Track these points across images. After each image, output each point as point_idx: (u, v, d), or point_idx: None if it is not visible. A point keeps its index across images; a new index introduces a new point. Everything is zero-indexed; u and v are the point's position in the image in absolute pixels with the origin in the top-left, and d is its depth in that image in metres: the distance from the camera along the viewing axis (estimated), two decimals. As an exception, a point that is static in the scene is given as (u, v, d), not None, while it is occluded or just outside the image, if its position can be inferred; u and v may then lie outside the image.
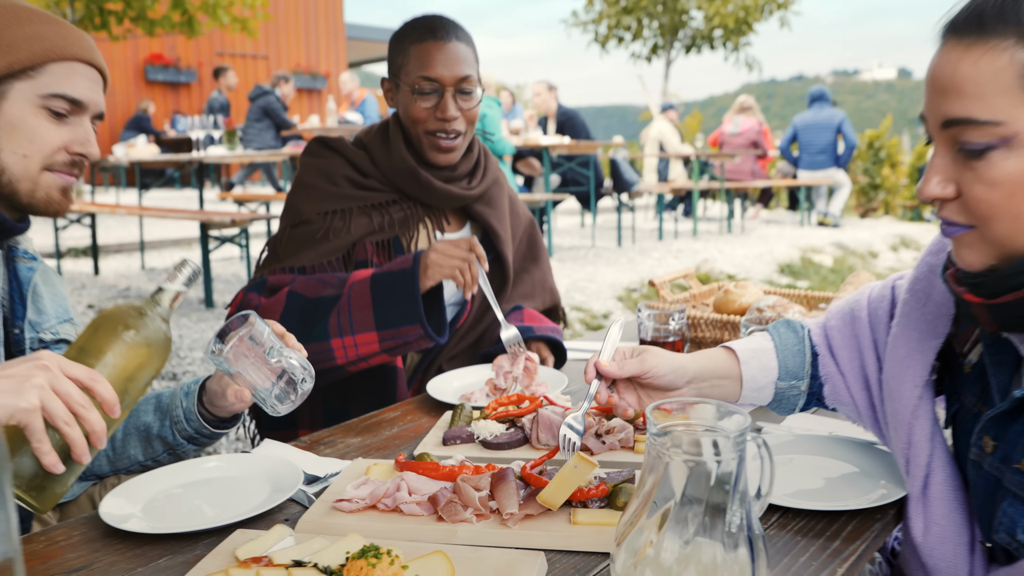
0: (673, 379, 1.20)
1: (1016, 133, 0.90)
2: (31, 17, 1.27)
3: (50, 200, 1.31)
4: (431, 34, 1.83)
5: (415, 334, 1.63)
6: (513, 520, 1.08)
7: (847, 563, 1.03)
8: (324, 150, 1.96)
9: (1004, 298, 0.97)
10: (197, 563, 1.02)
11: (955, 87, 0.93)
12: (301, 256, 1.82)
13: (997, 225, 0.95)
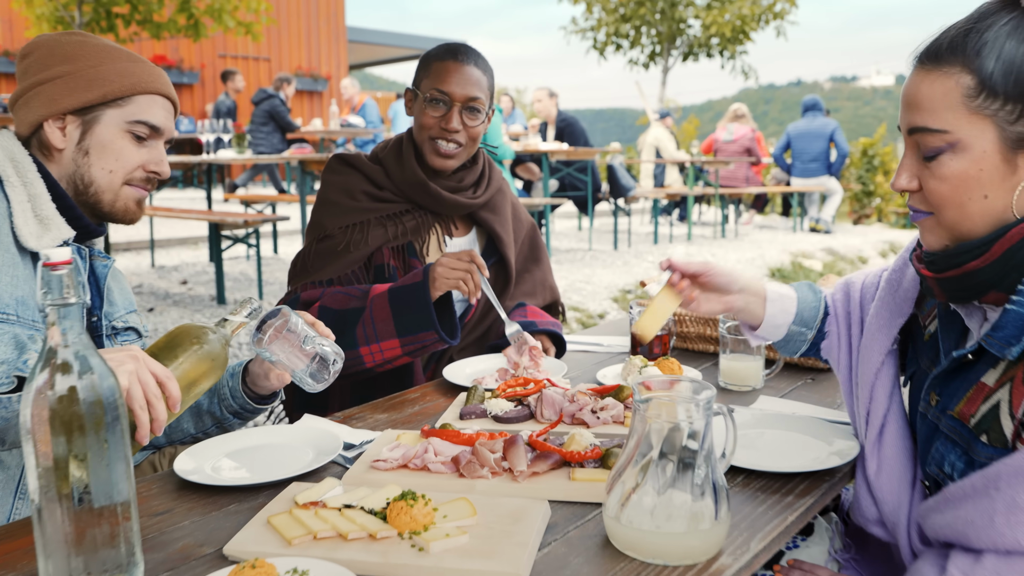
0: (728, 281, 1.49)
1: (959, 140, 1.13)
2: (121, 56, 1.49)
3: (127, 209, 1.54)
4: (452, 55, 2.06)
5: (431, 338, 1.88)
6: (522, 476, 1.30)
7: (797, 512, 1.25)
8: (344, 167, 2.18)
9: (948, 273, 1.19)
10: (261, 509, 1.24)
11: (917, 102, 1.16)
12: (327, 269, 2.05)
13: (946, 212, 1.17)
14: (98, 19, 10.91)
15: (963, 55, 1.12)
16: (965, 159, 1.13)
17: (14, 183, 1.43)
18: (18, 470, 1.42)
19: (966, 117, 1.12)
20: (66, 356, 0.98)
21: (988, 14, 1.14)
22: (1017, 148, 1.12)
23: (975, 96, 1.11)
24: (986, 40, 1.11)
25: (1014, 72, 1.09)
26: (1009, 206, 1.14)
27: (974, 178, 1.14)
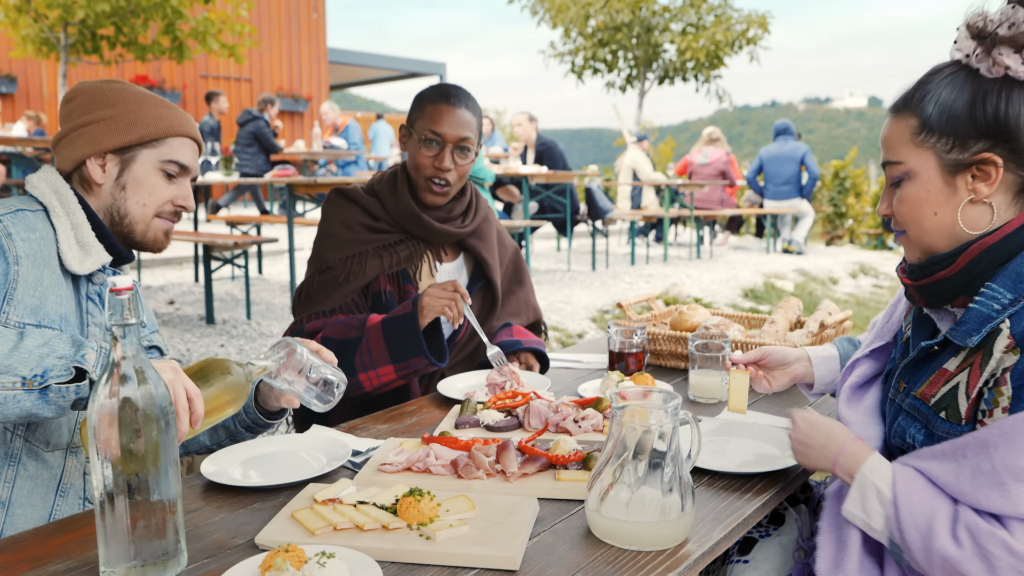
0: (782, 357, 1.83)
1: (911, 169, 1.40)
2: (156, 102, 1.67)
3: (156, 239, 1.71)
4: (445, 98, 2.24)
5: (422, 363, 2.07)
6: (514, 477, 1.48)
7: (754, 507, 1.43)
8: (343, 200, 2.36)
9: (923, 281, 1.43)
10: (283, 506, 1.41)
11: (885, 143, 1.45)
12: (329, 300, 2.23)
13: (910, 228, 1.42)
14: (83, 41, 11.03)
15: (911, 104, 1.40)
16: (916, 184, 1.40)
17: (59, 213, 1.60)
18: (59, 470, 1.58)
19: (914, 150, 1.39)
20: (127, 369, 1.15)
21: (936, 71, 1.42)
22: (954, 172, 1.37)
23: (919, 133, 1.38)
24: (929, 90, 1.39)
25: (946, 113, 1.36)
26: (956, 221, 1.38)
27: (924, 199, 1.39)
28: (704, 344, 2.01)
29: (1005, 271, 1.34)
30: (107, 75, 16.37)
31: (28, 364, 1.28)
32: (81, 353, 1.32)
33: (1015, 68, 1.31)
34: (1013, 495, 1.20)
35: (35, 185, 1.65)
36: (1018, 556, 1.19)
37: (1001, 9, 1.32)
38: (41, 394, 1.29)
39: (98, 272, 1.67)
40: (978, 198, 1.36)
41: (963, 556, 1.23)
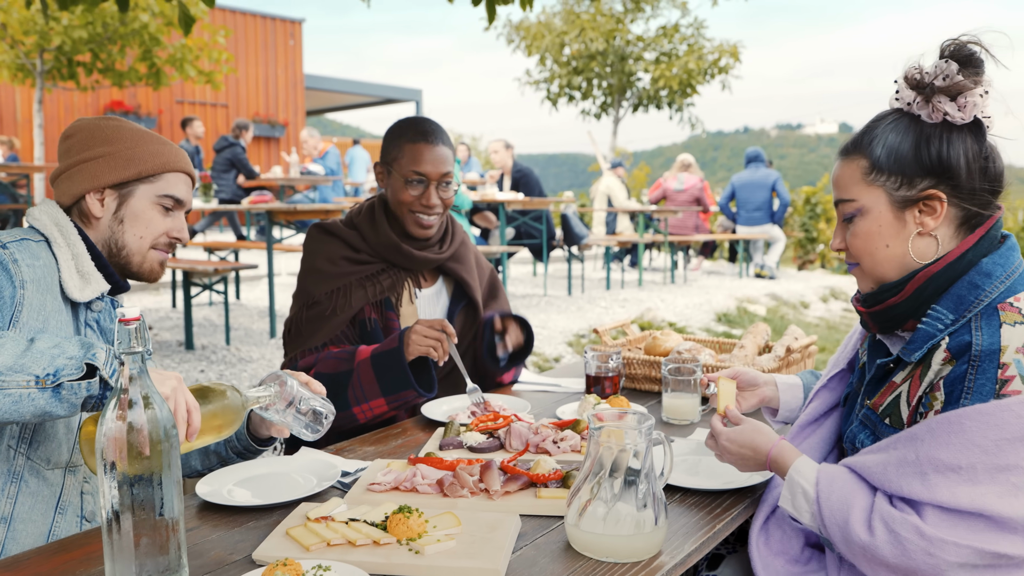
0: (753, 377, 1.92)
1: (863, 206, 1.52)
2: (153, 139, 1.75)
3: (152, 270, 1.79)
4: (423, 137, 2.34)
5: (411, 395, 2.16)
6: (497, 495, 1.56)
7: (723, 522, 1.52)
8: (324, 235, 2.44)
9: (875, 308, 1.56)
10: (277, 524, 1.48)
11: (837, 182, 1.58)
12: (319, 334, 2.31)
13: (864, 260, 1.55)
14: (59, 67, 11.05)
15: (860, 146, 1.54)
16: (868, 219, 1.53)
17: (60, 244, 1.67)
18: (59, 488, 1.63)
19: (865, 188, 1.52)
20: (134, 394, 1.22)
21: (880, 117, 1.56)
22: (903, 207, 1.50)
23: (869, 172, 1.52)
24: (876, 134, 1.53)
25: (894, 155, 1.50)
26: (907, 252, 1.52)
27: (876, 233, 1.52)
28: (677, 368, 2.11)
29: (948, 295, 1.47)
30: (82, 100, 16.35)
31: (40, 364, 1.34)
32: (92, 352, 1.38)
33: (952, 114, 1.45)
34: (932, 484, 1.32)
35: (36, 218, 1.72)
36: (928, 539, 1.31)
37: (935, 63, 1.47)
38: (54, 392, 1.34)
39: (96, 300, 1.73)
40: (925, 231, 1.50)
41: (876, 543, 1.35)
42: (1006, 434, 1.30)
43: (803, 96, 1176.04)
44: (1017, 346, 1.36)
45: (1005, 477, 1.30)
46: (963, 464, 1.31)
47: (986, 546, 1.29)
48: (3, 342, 1.36)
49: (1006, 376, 1.34)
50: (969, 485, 1.30)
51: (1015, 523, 1.30)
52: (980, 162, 1.48)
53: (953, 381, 1.39)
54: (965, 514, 1.31)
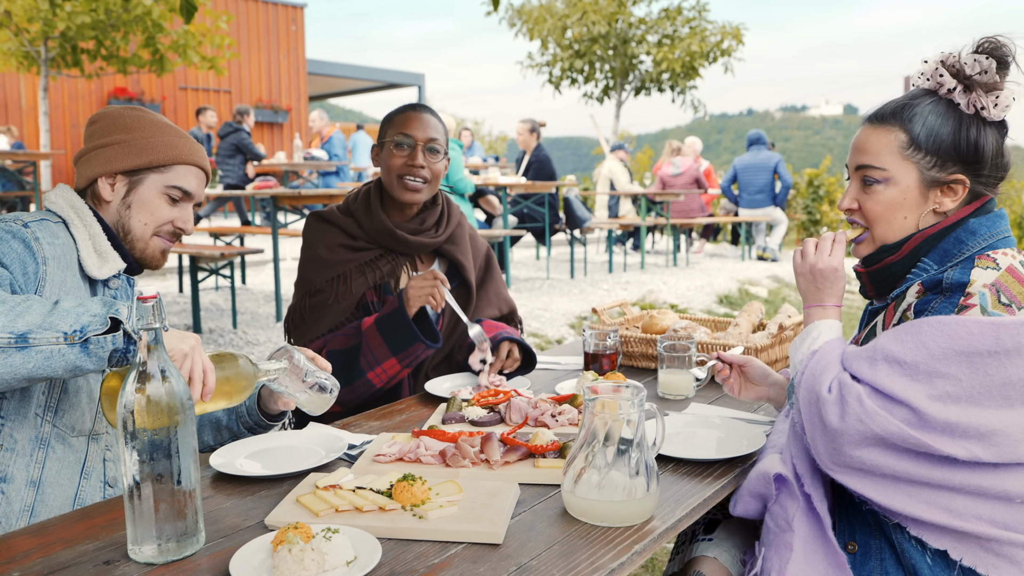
0: (763, 375, 1.95)
1: (892, 176, 1.62)
2: (170, 131, 1.82)
3: (153, 256, 1.86)
4: (412, 108, 2.45)
5: (420, 349, 2.23)
6: (497, 465, 1.63)
7: (713, 489, 1.59)
8: (321, 224, 2.51)
9: (874, 267, 1.68)
10: (287, 493, 1.55)
11: (865, 148, 1.66)
12: (321, 322, 2.39)
13: (877, 226, 1.66)
14: (64, 54, 11.10)
15: (901, 119, 1.63)
16: (895, 190, 1.64)
17: (77, 224, 1.75)
18: (83, 454, 1.72)
19: (899, 161, 1.63)
20: (152, 368, 1.29)
21: (919, 95, 1.65)
22: (930, 186, 1.62)
23: (906, 148, 1.62)
24: (916, 112, 1.62)
25: (934, 136, 1.60)
26: (917, 224, 1.65)
27: (899, 204, 1.64)
28: (672, 345, 2.18)
29: (936, 250, 1.61)
30: (86, 87, 16.39)
31: (67, 320, 1.41)
32: (115, 308, 1.45)
33: (989, 110, 1.58)
34: (877, 369, 1.46)
35: (53, 201, 1.79)
36: (865, 408, 1.43)
37: (974, 57, 1.58)
38: (83, 347, 1.42)
39: (113, 278, 1.81)
40: (941, 209, 1.63)
41: (828, 400, 1.47)
42: (955, 345, 1.41)
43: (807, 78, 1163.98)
44: (985, 282, 1.50)
45: (941, 383, 1.41)
46: (908, 359, 1.43)
47: (911, 430, 1.40)
48: (30, 303, 1.43)
49: (968, 303, 1.48)
50: (907, 379, 1.43)
51: (932, 423, 1.40)
52: (1000, 157, 1.62)
53: (922, 304, 1.54)
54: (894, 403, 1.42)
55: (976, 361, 1.40)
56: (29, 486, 1.65)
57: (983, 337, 1.41)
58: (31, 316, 1.41)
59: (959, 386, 1.41)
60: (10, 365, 1.40)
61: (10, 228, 1.64)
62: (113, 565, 1.29)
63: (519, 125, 9.30)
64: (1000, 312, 1.47)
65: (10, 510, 1.63)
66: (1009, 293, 1.49)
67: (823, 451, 1.51)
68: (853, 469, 1.48)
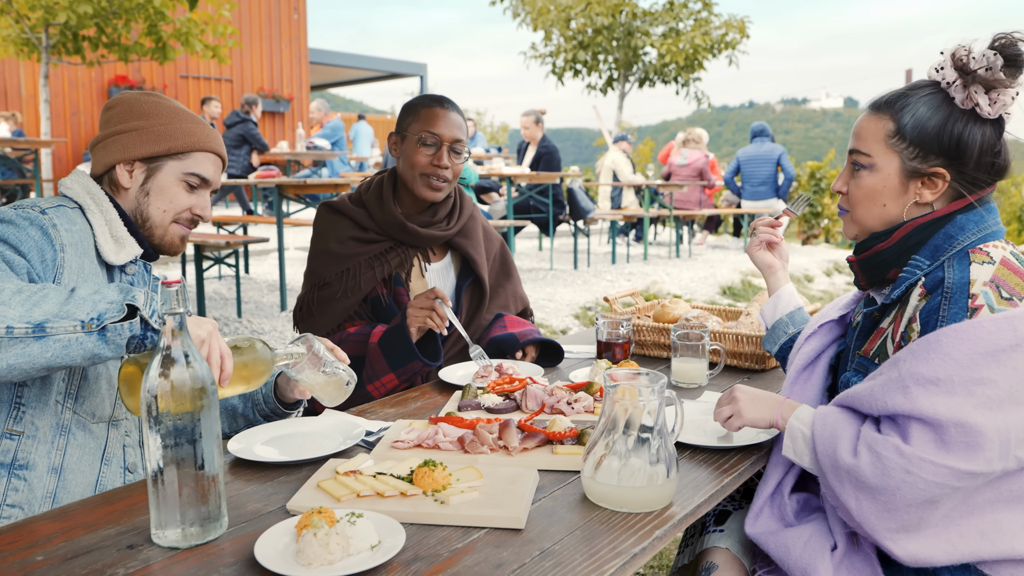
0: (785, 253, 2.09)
1: (876, 163, 1.63)
2: (187, 118, 1.81)
3: (172, 243, 1.86)
4: (439, 104, 2.41)
5: (418, 366, 2.26)
6: (515, 451, 1.63)
7: (730, 476, 1.60)
8: (332, 214, 2.51)
9: (865, 254, 1.68)
10: (307, 479, 1.55)
11: (859, 133, 1.68)
12: (328, 315, 2.41)
13: (857, 210, 1.68)
14: (65, 42, 11.04)
15: (892, 108, 1.63)
16: (876, 177, 1.64)
17: (93, 210, 1.74)
18: (103, 440, 1.73)
19: (884, 149, 1.63)
20: (176, 352, 1.29)
21: (919, 86, 1.65)
22: (911, 177, 1.62)
23: (892, 136, 1.62)
24: (908, 102, 1.62)
25: (919, 127, 1.60)
26: (900, 215, 1.65)
27: (879, 191, 1.65)
28: (685, 334, 2.18)
29: (926, 246, 1.60)
30: (87, 75, 16.33)
31: (84, 309, 1.40)
32: (131, 295, 1.44)
33: (983, 107, 1.56)
34: (913, 396, 1.41)
35: (69, 187, 1.79)
36: (907, 457, 1.39)
37: (984, 52, 1.56)
38: (100, 335, 1.40)
39: (130, 264, 1.81)
40: (922, 201, 1.62)
41: (860, 464, 1.43)
42: (979, 348, 1.40)
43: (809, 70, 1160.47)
44: (985, 279, 1.50)
45: (981, 390, 1.39)
46: (941, 376, 1.40)
47: (960, 464, 1.37)
48: (46, 292, 1.43)
49: (975, 305, 1.47)
50: (947, 396, 1.39)
51: (988, 434, 1.37)
52: (990, 156, 1.59)
53: (928, 312, 1.52)
54: (943, 432, 1.38)
55: (1003, 358, 1.40)
56: (51, 473, 1.66)
57: (1001, 333, 1.41)
58: (48, 305, 1.40)
59: (997, 388, 1.39)
60: (28, 355, 1.39)
61: (28, 215, 1.64)
62: (136, 549, 1.29)
63: (523, 118, 9.28)
64: (1005, 307, 1.47)
65: (32, 496, 1.63)
66: (1008, 287, 1.50)
67: (876, 522, 1.44)
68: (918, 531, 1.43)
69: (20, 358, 1.39)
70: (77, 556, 1.27)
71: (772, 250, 2.07)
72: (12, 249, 1.58)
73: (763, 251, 2.07)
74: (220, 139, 1.89)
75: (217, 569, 1.23)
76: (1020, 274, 1.52)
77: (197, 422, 1.30)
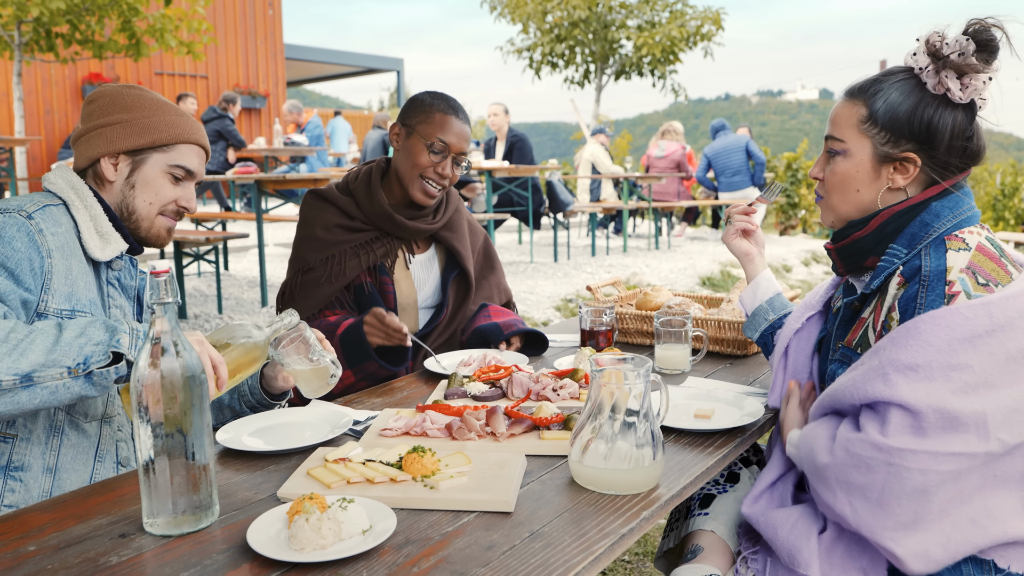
0: (761, 240, 2.10)
1: (848, 148, 1.66)
2: (170, 110, 1.81)
3: (159, 235, 1.86)
4: (454, 112, 2.42)
5: (373, 367, 2.24)
6: (502, 437, 1.65)
7: (715, 459, 1.62)
8: (319, 202, 2.51)
9: (842, 243, 1.71)
10: (297, 467, 1.56)
11: (833, 119, 1.71)
12: (311, 300, 2.41)
13: (832, 196, 1.71)
14: (37, 39, 10.92)
15: (865, 94, 1.66)
16: (849, 162, 1.67)
17: (78, 206, 1.74)
18: (96, 438, 1.73)
19: (856, 135, 1.66)
20: (165, 342, 1.30)
21: (893, 72, 1.67)
22: (883, 162, 1.65)
23: (864, 122, 1.65)
24: (881, 88, 1.65)
25: (891, 113, 1.62)
26: (875, 202, 1.67)
27: (852, 176, 1.67)
28: (668, 320, 2.20)
29: (903, 234, 1.62)
30: (60, 72, 16.13)
31: (70, 355, 1.43)
32: (116, 338, 1.46)
33: (954, 92, 1.58)
34: (893, 382, 1.43)
35: (53, 182, 1.78)
36: (886, 450, 1.41)
37: (956, 37, 1.58)
38: (87, 379, 1.44)
39: (116, 259, 1.81)
40: (894, 186, 1.65)
41: (837, 463, 1.46)
42: (956, 334, 1.42)
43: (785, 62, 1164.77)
44: (961, 266, 1.52)
45: (958, 375, 1.41)
46: (920, 362, 1.42)
47: (939, 447, 1.39)
48: (33, 338, 1.44)
49: (952, 292, 1.50)
50: (926, 382, 1.41)
51: (965, 419, 1.39)
52: (962, 141, 1.61)
53: (907, 300, 1.55)
54: (922, 418, 1.40)
55: (979, 344, 1.42)
56: (46, 473, 1.66)
57: (977, 319, 1.43)
58: (34, 355, 1.42)
59: (973, 374, 1.41)
60: (16, 402, 1.43)
61: (15, 220, 1.63)
62: (129, 538, 1.30)
63: (492, 107, 9.25)
64: (981, 293, 1.49)
65: (28, 497, 1.64)
66: (984, 272, 1.52)
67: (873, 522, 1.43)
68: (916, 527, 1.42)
69: (8, 406, 1.43)
70: (70, 545, 1.27)
71: (748, 237, 2.09)
72: (2, 270, 1.58)
73: (739, 239, 2.09)
74: (204, 131, 1.89)
75: (210, 556, 1.24)
76: (995, 260, 1.55)
77: (188, 411, 1.31)
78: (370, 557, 1.22)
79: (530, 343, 2.48)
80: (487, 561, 1.21)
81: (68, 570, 1.20)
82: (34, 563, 1.22)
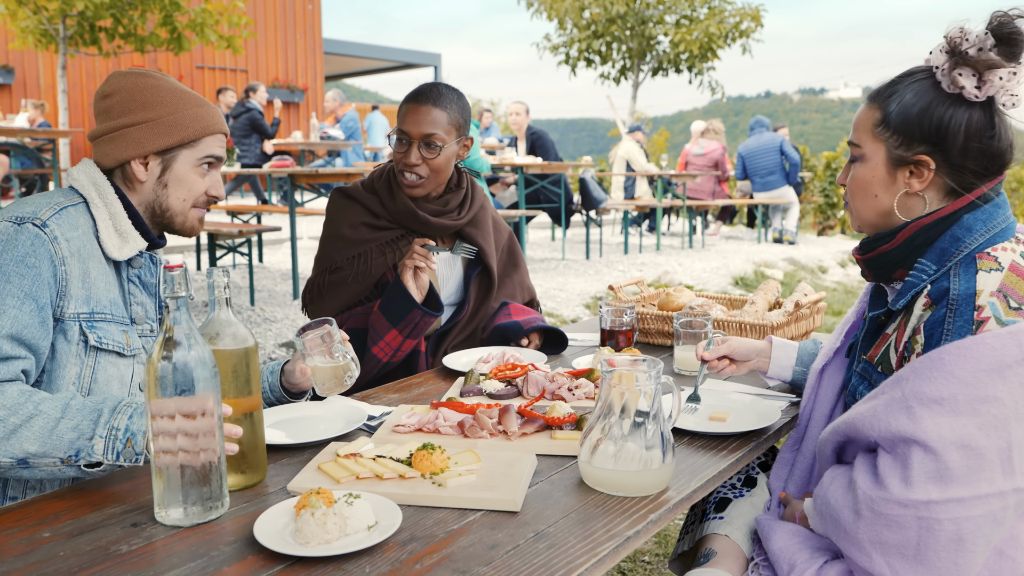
0: (747, 351, 2.01)
1: (865, 153, 1.61)
2: (192, 101, 1.81)
3: (193, 227, 1.88)
4: (414, 98, 2.41)
5: (418, 315, 2.29)
6: (514, 436, 1.65)
7: (728, 461, 1.61)
8: (344, 200, 2.53)
9: (870, 254, 1.65)
10: (308, 461, 1.58)
11: (856, 123, 1.66)
12: (338, 299, 2.45)
13: (853, 202, 1.66)
14: (81, 32, 11.12)
15: (882, 97, 1.61)
16: (866, 167, 1.62)
17: (98, 205, 1.75)
18: None
19: (871, 139, 1.61)
20: (179, 335, 1.32)
21: (912, 72, 1.61)
22: (897, 166, 1.59)
23: (878, 125, 1.60)
24: (898, 89, 1.59)
25: (903, 115, 1.56)
26: (892, 207, 1.61)
27: (868, 181, 1.62)
28: (688, 322, 2.19)
29: (932, 248, 1.55)
30: (104, 67, 16.44)
31: (62, 448, 1.47)
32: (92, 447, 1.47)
33: (968, 90, 1.49)
34: (917, 416, 1.36)
35: (75, 178, 1.79)
36: (912, 506, 1.33)
37: (978, 32, 1.49)
38: (79, 468, 1.49)
39: (136, 257, 1.83)
40: (911, 191, 1.58)
41: (866, 524, 1.38)
42: (983, 365, 1.35)
43: (829, 59, 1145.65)
44: (992, 290, 1.44)
45: (986, 409, 1.34)
46: (945, 396, 1.35)
47: (964, 492, 1.32)
48: (31, 423, 1.47)
49: (981, 317, 1.42)
50: (951, 416, 1.34)
51: (990, 454, 1.33)
52: (980, 141, 1.51)
53: (933, 324, 1.47)
54: (946, 459, 1.33)
55: (1008, 375, 1.34)
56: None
57: (1006, 349, 1.35)
58: (29, 443, 1.46)
59: (1003, 407, 1.34)
60: (18, 475, 1.52)
61: (29, 234, 1.62)
62: (141, 527, 1.32)
63: (514, 106, 9.21)
64: (1013, 318, 1.41)
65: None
66: (1017, 296, 1.44)
67: None
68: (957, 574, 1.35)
69: (10, 475, 1.51)
70: (83, 533, 1.30)
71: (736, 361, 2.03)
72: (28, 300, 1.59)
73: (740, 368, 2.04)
74: (222, 116, 1.91)
75: (217, 547, 1.25)
76: None
77: (199, 404, 1.33)
78: (374, 553, 1.23)
79: (550, 341, 2.48)
80: (490, 560, 1.21)
81: (79, 557, 1.22)
82: (47, 549, 1.24)
